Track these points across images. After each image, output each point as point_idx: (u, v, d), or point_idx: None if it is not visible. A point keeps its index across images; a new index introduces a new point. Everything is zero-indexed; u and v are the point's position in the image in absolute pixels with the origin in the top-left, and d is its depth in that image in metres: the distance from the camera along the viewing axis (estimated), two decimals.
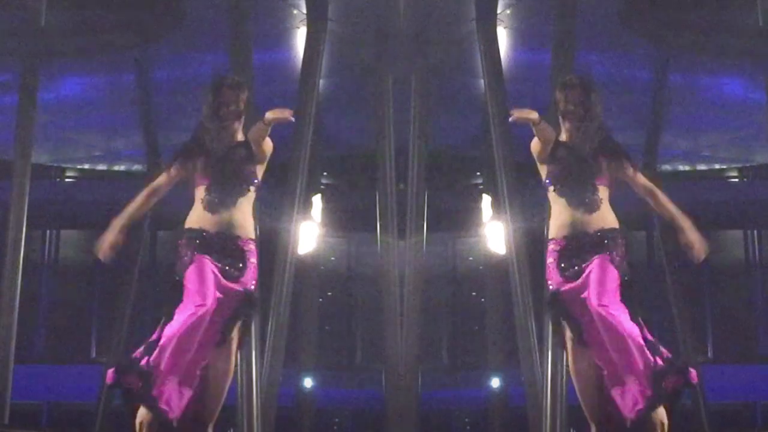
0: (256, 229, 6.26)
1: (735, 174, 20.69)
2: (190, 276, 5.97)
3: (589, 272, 5.95)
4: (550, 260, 6.04)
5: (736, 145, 18.25)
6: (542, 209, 13.02)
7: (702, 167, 20.10)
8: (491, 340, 17.89)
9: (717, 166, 20.18)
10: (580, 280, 5.96)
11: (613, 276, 5.97)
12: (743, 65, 14.11)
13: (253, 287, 5.97)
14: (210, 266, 5.95)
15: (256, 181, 6.12)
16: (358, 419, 19.11)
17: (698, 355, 16.46)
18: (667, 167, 19.32)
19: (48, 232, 20.16)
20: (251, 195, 6.11)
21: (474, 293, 19.86)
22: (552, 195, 6.11)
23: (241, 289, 5.94)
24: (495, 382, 17.63)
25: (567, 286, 5.98)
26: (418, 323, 14.31)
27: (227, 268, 5.95)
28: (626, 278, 6.04)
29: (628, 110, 15.43)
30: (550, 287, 6.04)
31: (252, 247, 6.03)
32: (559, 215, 6.07)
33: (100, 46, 13.82)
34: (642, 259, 19.78)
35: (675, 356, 6.18)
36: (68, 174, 20.64)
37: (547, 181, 6.11)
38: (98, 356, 19.05)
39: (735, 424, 18.29)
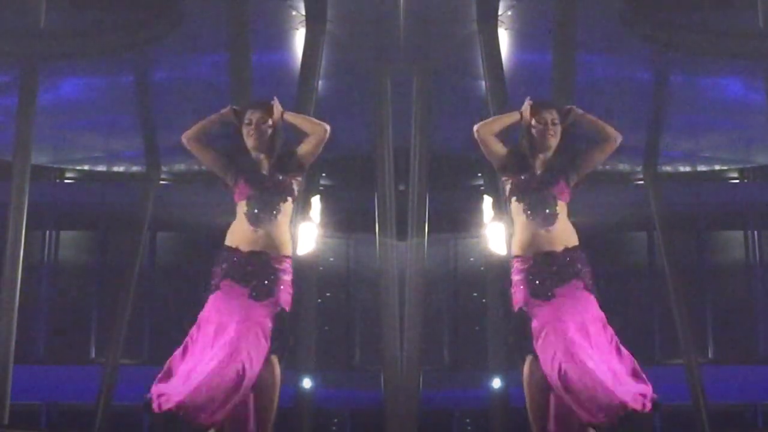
0: (294, 245, 6.46)
1: (735, 175, 20.68)
2: (210, 306, 6.12)
3: (565, 299, 6.06)
4: (517, 278, 6.15)
5: (737, 146, 18.24)
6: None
7: (702, 168, 20.08)
8: (492, 340, 17.88)
9: (717, 167, 20.16)
10: (551, 303, 6.07)
11: (593, 304, 6.12)
12: (744, 66, 14.09)
13: (284, 305, 6.11)
14: (235, 292, 6.07)
15: (295, 192, 6.27)
16: (357, 420, 19.09)
17: (698, 355, 16.44)
18: (667, 168, 19.30)
19: (47, 232, 20.14)
20: (289, 208, 6.24)
21: (475, 294, 19.84)
22: (515, 207, 6.23)
23: (270, 307, 6.07)
24: (496, 383, 17.61)
25: (535, 307, 6.08)
26: (419, 324, 14.31)
27: (256, 288, 6.07)
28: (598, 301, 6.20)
29: (628, 111, 15.40)
30: (516, 305, 6.13)
31: (286, 265, 6.17)
32: (522, 231, 6.19)
33: (99, 47, 13.79)
34: (642, 259, 19.77)
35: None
36: (68, 175, 20.63)
37: (510, 191, 6.23)
38: (98, 357, 19.04)
39: (735, 424, 18.28)
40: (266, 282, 6.09)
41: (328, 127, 6.42)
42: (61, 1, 13.08)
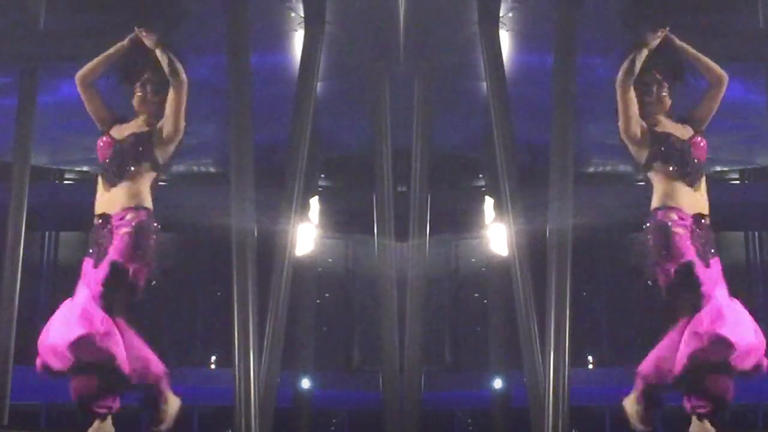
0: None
1: (736, 176, 20.67)
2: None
3: (717, 276, 5.68)
4: (680, 230, 5.72)
5: (737, 147, 18.21)
6: (544, 211, 13.02)
7: None
8: (494, 340, 17.88)
9: (718, 168, 20.16)
10: (712, 272, 5.64)
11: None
12: (744, 67, 14.07)
13: (115, 257, 5.59)
14: (87, 267, 5.67)
15: (151, 159, 5.85)
16: (355, 420, 19.09)
17: None
18: None
19: (47, 233, 20.13)
20: (145, 172, 5.86)
21: (476, 294, 19.85)
22: (659, 169, 5.83)
23: (102, 269, 5.60)
24: (497, 383, 17.64)
25: (702, 270, 5.64)
26: (420, 324, 14.31)
27: (96, 254, 5.67)
28: None
29: None
30: (683, 259, 5.66)
31: (119, 219, 5.73)
32: (672, 189, 5.81)
33: (99, 47, 13.76)
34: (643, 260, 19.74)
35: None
36: (67, 176, 20.62)
37: (652, 154, 5.82)
38: None
39: (736, 425, 18.24)
40: (104, 244, 5.65)
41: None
42: (60, 3, 13.06)
